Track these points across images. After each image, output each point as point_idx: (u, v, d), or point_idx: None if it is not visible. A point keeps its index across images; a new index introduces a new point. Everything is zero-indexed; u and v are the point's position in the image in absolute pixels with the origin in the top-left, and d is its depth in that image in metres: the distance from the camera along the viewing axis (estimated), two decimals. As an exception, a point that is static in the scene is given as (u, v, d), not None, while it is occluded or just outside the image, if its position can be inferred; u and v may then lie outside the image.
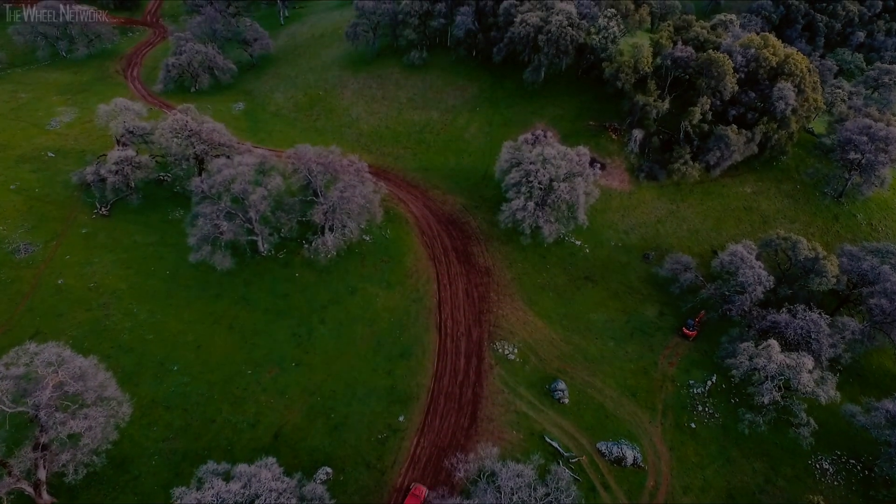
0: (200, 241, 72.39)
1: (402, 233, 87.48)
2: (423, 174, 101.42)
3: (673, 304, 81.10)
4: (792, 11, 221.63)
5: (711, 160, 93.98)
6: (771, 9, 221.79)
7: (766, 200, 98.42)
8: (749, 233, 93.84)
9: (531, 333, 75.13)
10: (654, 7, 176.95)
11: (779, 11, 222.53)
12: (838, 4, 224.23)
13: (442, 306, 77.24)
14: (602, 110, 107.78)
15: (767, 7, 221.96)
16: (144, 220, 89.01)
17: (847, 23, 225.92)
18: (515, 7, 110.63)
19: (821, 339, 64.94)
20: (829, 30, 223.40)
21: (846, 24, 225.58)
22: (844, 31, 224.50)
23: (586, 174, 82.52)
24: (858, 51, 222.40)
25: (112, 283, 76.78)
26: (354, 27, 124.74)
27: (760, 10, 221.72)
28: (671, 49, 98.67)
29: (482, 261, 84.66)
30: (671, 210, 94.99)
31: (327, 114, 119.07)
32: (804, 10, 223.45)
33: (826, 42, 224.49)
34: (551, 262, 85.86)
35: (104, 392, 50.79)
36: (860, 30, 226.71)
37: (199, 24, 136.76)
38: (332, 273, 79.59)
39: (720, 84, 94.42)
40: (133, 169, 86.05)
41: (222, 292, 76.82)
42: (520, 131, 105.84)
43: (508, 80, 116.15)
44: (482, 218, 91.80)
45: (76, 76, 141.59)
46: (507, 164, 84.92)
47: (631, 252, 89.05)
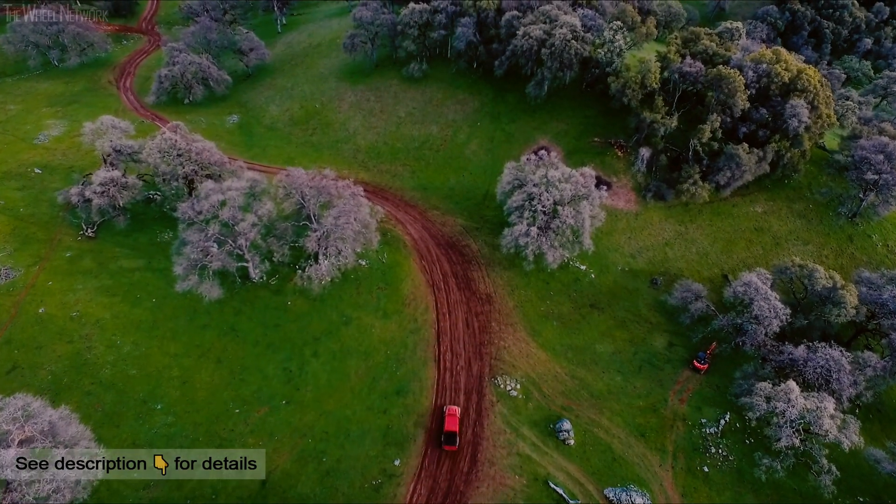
0: (187, 269, 68.83)
1: (399, 257, 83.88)
2: (421, 193, 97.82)
3: (683, 335, 77.44)
4: (798, 18, 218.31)
5: (721, 180, 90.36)
6: (777, 15, 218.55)
7: (777, 221, 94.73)
8: (760, 256, 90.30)
9: (534, 367, 71.50)
10: (658, 15, 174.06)
11: (784, 18, 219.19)
12: (845, 11, 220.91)
13: (441, 337, 73.65)
14: (607, 125, 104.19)
15: (773, 13, 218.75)
16: (132, 242, 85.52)
17: (854, 29, 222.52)
18: (518, 19, 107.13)
19: (842, 379, 61.27)
20: (836, 36, 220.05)
21: (853, 31, 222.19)
22: (851, 37, 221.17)
23: (592, 197, 78.95)
24: (866, 58, 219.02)
25: (95, 312, 73.21)
26: (352, 38, 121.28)
27: (766, 16, 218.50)
28: (679, 63, 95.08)
29: (483, 287, 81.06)
30: (679, 232, 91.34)
31: (323, 128, 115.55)
32: (810, 16, 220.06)
33: (833, 49, 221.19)
34: (555, 288, 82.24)
35: (76, 446, 47.17)
36: (867, 36, 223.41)
37: (194, 33, 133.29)
38: (325, 301, 76.00)
39: (731, 101, 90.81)
40: (119, 190, 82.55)
41: (210, 322, 73.27)
42: (522, 148, 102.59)
43: (510, 94, 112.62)
44: (483, 241, 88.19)
45: (67, 86, 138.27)
46: (509, 187, 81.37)
47: (638, 277, 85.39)
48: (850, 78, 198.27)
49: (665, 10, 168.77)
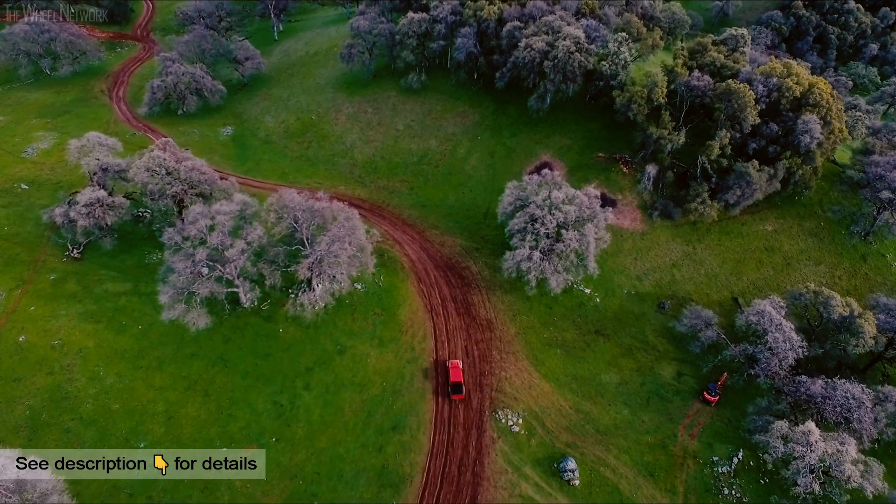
0: (173, 298, 65.61)
1: (396, 280, 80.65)
2: (420, 211, 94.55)
3: (692, 363, 74.17)
4: (803, 23, 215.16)
5: (731, 199, 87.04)
6: (781, 20, 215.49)
7: (788, 240, 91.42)
8: (771, 277, 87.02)
9: (537, 400, 68.22)
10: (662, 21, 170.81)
11: (789, 23, 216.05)
12: (850, 16, 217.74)
13: (439, 367, 70.38)
14: (612, 140, 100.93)
15: (777, 18, 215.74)
16: (118, 264, 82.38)
17: (859, 34, 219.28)
18: (520, 30, 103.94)
19: (863, 418, 57.95)
20: (842, 42, 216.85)
21: (859, 36, 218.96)
22: (857, 43, 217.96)
23: (597, 220, 75.71)
24: (872, 64, 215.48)
25: (78, 341, 70.00)
26: (349, 48, 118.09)
27: (770, 21, 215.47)
28: (687, 77, 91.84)
29: (483, 312, 77.79)
30: (687, 252, 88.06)
31: (319, 141, 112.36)
32: (815, 21, 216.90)
33: (838, 54, 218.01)
34: (559, 313, 78.97)
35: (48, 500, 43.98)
36: (873, 42, 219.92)
37: (187, 42, 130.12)
38: (319, 329, 72.77)
39: (740, 116, 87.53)
40: (106, 211, 79.37)
41: (198, 351, 70.02)
42: (524, 163, 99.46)
43: (512, 106, 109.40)
44: (483, 262, 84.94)
45: (59, 96, 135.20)
46: (510, 208, 78.15)
47: (645, 301, 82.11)
48: (857, 84, 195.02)
49: (669, 16, 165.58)
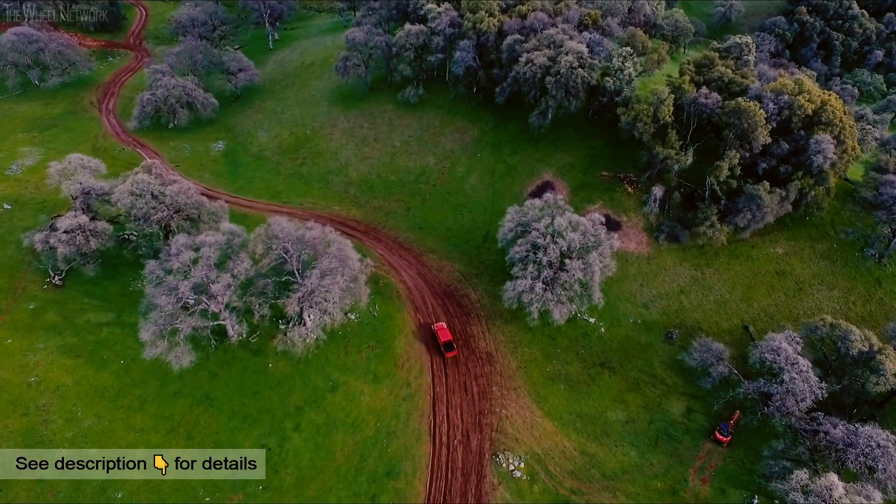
0: (155, 335, 61.96)
1: (392, 309, 77.08)
2: (417, 234, 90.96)
3: (702, 398, 70.60)
4: (807, 29, 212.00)
5: (741, 223, 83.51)
6: (785, 26, 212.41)
7: (800, 263, 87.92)
8: (783, 303, 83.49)
9: (540, 441, 64.64)
10: (665, 29, 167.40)
11: (793, 29, 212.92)
12: (855, 22, 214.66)
13: (436, 405, 66.84)
14: (616, 158, 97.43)
15: (781, 24, 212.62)
16: (102, 291, 78.82)
17: (864, 41, 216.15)
18: (520, 43, 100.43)
19: (889, 468, 54.38)
20: (846, 48, 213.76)
21: (863, 43, 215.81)
22: (862, 49, 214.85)
23: (602, 247, 72.14)
24: (877, 70, 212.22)
25: (56, 377, 66.34)
26: (344, 61, 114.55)
27: (774, 27, 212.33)
28: (694, 94, 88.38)
29: (483, 345, 74.24)
30: (695, 277, 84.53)
31: (314, 157, 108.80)
32: (819, 27, 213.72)
33: (842, 61, 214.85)
34: (562, 344, 75.43)
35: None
36: (878, 48, 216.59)
37: (178, 54, 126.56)
38: (310, 363, 69.13)
39: (750, 136, 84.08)
40: (88, 237, 75.75)
41: (183, 389, 66.37)
42: (525, 182, 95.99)
43: (512, 122, 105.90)
44: (483, 289, 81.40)
45: (47, 108, 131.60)
46: (511, 234, 74.59)
47: (652, 330, 78.55)
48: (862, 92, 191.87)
49: (672, 24, 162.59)
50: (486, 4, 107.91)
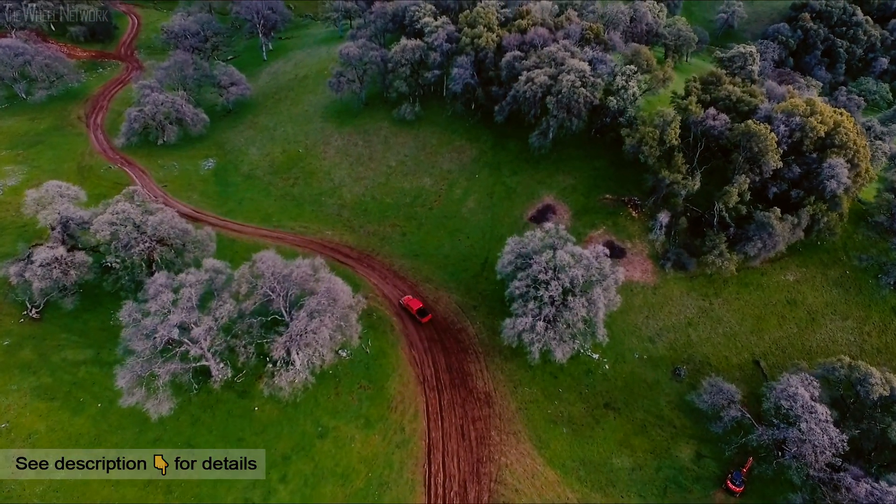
0: (132, 382, 58.22)
1: (385, 345, 73.36)
2: (412, 262, 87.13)
3: (712, 442, 66.77)
4: (810, 36, 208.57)
5: (751, 251, 79.76)
6: (788, 33, 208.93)
7: (812, 291, 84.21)
8: (795, 335, 79.78)
9: (541, 492, 60.85)
10: (668, 39, 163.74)
11: (796, 36, 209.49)
12: (859, 28, 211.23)
13: (432, 452, 63.06)
14: (619, 179, 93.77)
15: (784, 31, 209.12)
16: (81, 326, 75.16)
17: (869, 48, 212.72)
18: (520, 60, 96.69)
19: (916, 532, 50.76)
20: (851, 56, 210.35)
21: (868, 50, 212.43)
22: (866, 56, 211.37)
23: (607, 282, 68.41)
24: (882, 78, 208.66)
25: (28, 423, 62.54)
26: (338, 77, 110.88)
27: (777, 34, 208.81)
28: (702, 116, 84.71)
29: (481, 384, 70.48)
30: (703, 308, 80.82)
31: (306, 177, 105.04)
32: (823, 34, 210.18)
33: (847, 69, 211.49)
34: (564, 383, 71.69)
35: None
36: (883, 55, 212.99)
37: (167, 69, 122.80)
38: (298, 407, 65.37)
39: (761, 160, 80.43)
40: (65, 270, 71.99)
41: (163, 435, 62.58)
42: (525, 205, 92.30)
43: (512, 141, 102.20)
44: (481, 322, 77.65)
45: (33, 123, 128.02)
46: (510, 267, 70.77)
47: (659, 367, 74.82)
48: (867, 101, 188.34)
49: (674, 33, 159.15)
50: (485, 19, 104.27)
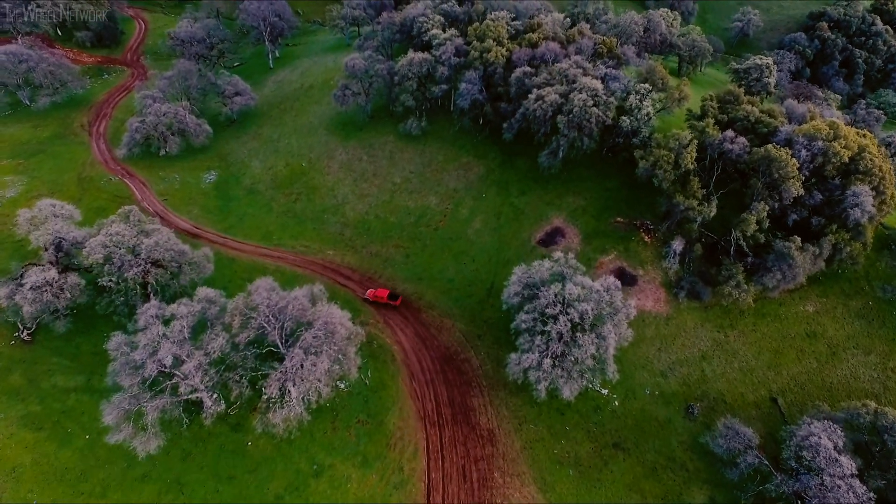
0: (119, 418, 55.80)
1: (385, 376, 70.53)
2: (416, 286, 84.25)
3: (727, 488, 63.37)
4: (828, 46, 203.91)
5: (770, 283, 76.16)
6: (805, 43, 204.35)
7: (832, 323, 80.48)
8: (815, 371, 76.10)
9: (546, 541, 57.83)
10: (682, 49, 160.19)
11: (814, 46, 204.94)
12: (879, 38, 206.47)
13: (431, 495, 60.13)
14: (631, 201, 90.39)
15: (801, 41, 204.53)
16: (72, 349, 72.97)
17: (889, 58, 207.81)
18: (530, 76, 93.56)
19: None
20: (869, 66, 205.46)
21: (888, 60, 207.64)
22: (886, 67, 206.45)
23: (618, 317, 65.15)
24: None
25: (13, 455, 60.44)
26: (343, 90, 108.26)
27: (793, 44, 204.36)
28: (719, 138, 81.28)
29: (484, 420, 67.46)
30: (718, 340, 77.32)
31: (309, 193, 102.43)
32: (841, 44, 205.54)
33: (865, 80, 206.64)
34: (571, 420, 68.50)
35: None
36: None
37: (170, 79, 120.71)
38: (293, 443, 62.70)
39: (781, 187, 76.88)
40: (56, 294, 69.76)
41: (152, 472, 60.16)
42: (533, 227, 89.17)
43: (521, 158, 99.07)
44: (486, 353, 74.64)
45: (36, 131, 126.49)
46: (517, 299, 67.74)
47: (671, 404, 71.43)
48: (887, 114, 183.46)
49: (689, 43, 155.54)
50: (495, 32, 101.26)
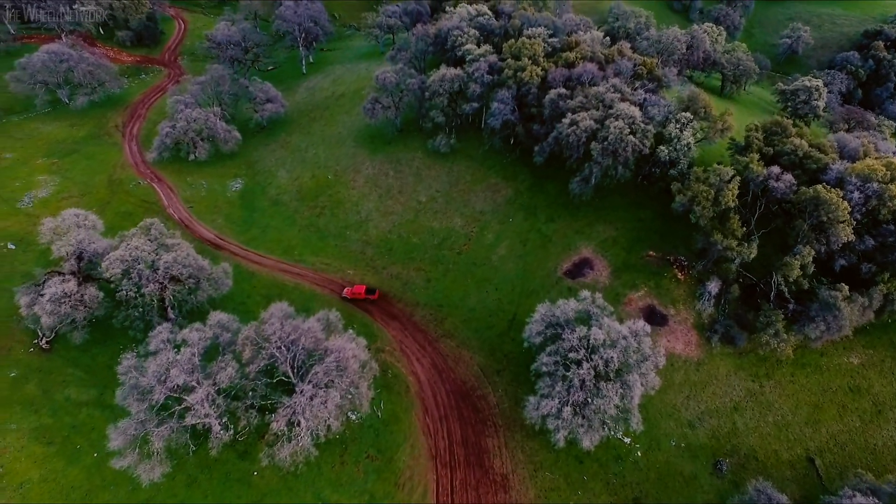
0: (125, 444, 54.87)
1: (398, 409, 68.27)
2: (435, 312, 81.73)
3: (755, 557, 59.15)
4: (883, 66, 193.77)
5: (812, 334, 71.24)
6: (858, 63, 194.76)
7: (878, 378, 74.96)
8: (857, 430, 70.87)
9: None
10: (726, 68, 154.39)
11: (867, 66, 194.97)
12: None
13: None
14: (666, 233, 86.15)
15: (854, 61, 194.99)
16: (89, 360, 72.89)
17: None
18: (564, 99, 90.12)
19: None
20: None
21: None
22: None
23: (646, 366, 61.43)
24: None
25: (23, 470, 60.26)
26: (373, 102, 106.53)
27: (845, 63, 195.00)
28: (764, 174, 76.58)
29: (498, 464, 64.54)
30: (752, 391, 72.72)
31: (333, 207, 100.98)
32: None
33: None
34: (590, 470, 65.02)
35: None
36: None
37: (203, 84, 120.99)
38: (300, 477, 60.94)
39: (829, 230, 71.87)
40: (75, 306, 69.61)
41: (155, 497, 59.14)
42: (560, 257, 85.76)
43: (551, 183, 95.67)
44: (504, 390, 71.68)
45: (72, 130, 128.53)
46: (539, 338, 64.65)
47: (697, 458, 67.27)
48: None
49: (733, 62, 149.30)
50: (531, 50, 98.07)
